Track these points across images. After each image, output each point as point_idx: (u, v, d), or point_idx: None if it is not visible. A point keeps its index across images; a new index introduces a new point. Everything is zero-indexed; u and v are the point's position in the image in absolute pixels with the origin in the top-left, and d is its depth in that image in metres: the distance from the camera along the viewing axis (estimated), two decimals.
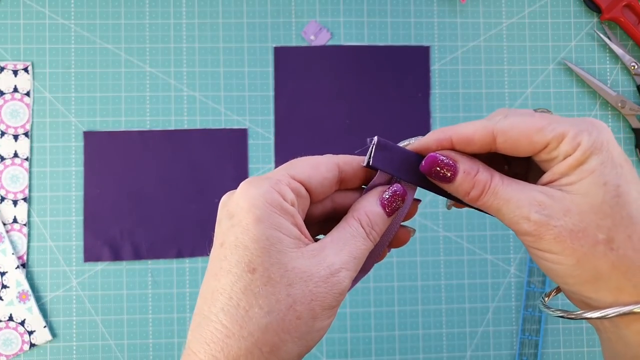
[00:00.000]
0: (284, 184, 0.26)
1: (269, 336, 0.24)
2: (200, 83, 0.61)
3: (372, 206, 0.28)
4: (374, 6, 0.63)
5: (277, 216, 0.25)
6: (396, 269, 0.61)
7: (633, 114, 0.62)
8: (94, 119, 0.60)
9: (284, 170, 0.27)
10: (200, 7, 0.62)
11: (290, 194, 0.26)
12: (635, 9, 0.62)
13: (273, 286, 0.24)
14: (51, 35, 0.60)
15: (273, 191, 0.26)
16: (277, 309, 0.24)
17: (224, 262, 0.25)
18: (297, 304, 0.24)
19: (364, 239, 0.27)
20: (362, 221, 0.27)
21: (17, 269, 0.58)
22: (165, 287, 0.59)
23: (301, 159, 0.28)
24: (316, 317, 0.25)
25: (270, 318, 0.24)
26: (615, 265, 0.25)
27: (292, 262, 0.25)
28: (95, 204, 0.59)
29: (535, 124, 0.26)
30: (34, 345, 0.58)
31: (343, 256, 0.26)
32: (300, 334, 0.24)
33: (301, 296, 0.24)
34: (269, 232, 0.25)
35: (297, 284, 0.24)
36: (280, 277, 0.24)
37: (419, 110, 0.62)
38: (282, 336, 0.24)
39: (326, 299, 0.25)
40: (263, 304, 0.24)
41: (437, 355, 0.61)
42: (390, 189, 0.28)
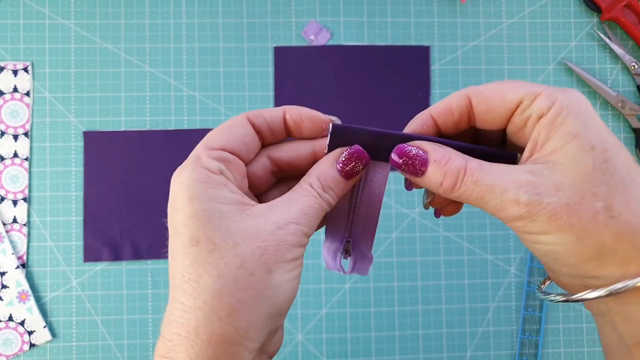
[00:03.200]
0: (204, 157, 0.26)
1: (224, 300, 0.23)
2: (200, 83, 0.61)
3: (325, 168, 0.27)
4: (374, 6, 0.63)
5: (208, 189, 0.25)
6: (396, 269, 0.61)
7: (633, 114, 0.62)
8: (94, 119, 0.60)
9: (201, 145, 0.27)
10: (200, 7, 0.62)
11: (214, 163, 0.26)
12: (635, 9, 0.62)
13: (219, 251, 0.24)
14: (51, 35, 0.60)
15: (196, 167, 0.26)
16: (226, 271, 0.24)
17: (172, 246, 0.26)
18: (247, 261, 0.24)
19: (316, 197, 0.26)
20: (313, 184, 0.26)
21: (17, 269, 0.58)
22: (165, 287, 0.59)
23: (214, 129, 0.27)
24: (271, 270, 0.24)
25: (221, 282, 0.24)
26: (618, 234, 0.23)
27: (236, 224, 0.24)
28: (95, 204, 0.59)
29: (508, 84, 0.25)
30: (34, 346, 0.58)
31: (291, 212, 0.25)
32: (257, 291, 0.24)
33: (250, 253, 0.24)
34: (204, 205, 0.25)
35: (244, 243, 0.24)
36: (225, 240, 0.24)
37: (419, 110, 0.62)
38: (238, 296, 0.23)
39: (278, 251, 0.24)
40: (212, 270, 0.24)
41: (437, 355, 0.61)
42: (348, 150, 0.27)
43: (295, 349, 0.60)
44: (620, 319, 0.25)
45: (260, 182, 0.29)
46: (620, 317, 0.25)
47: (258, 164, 0.28)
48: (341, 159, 0.27)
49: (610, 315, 0.25)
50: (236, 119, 0.27)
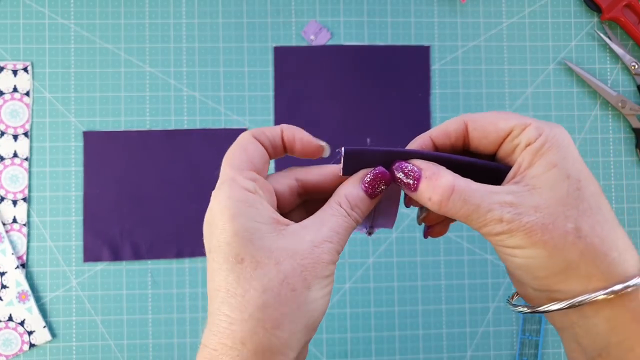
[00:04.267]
0: (240, 178, 0.28)
1: (269, 312, 0.25)
2: (200, 83, 0.61)
3: (352, 189, 0.29)
4: (374, 6, 0.63)
5: (248, 208, 0.27)
6: (396, 269, 0.61)
7: (633, 113, 0.62)
8: (94, 119, 0.60)
9: (228, 167, 0.29)
10: (200, 7, 0.62)
11: (250, 183, 0.28)
12: (635, 9, 0.62)
13: (262, 268, 0.26)
14: (51, 35, 0.60)
15: (234, 187, 0.27)
16: (270, 286, 0.26)
17: (214, 264, 0.27)
18: (289, 277, 0.26)
19: (345, 217, 0.28)
20: (342, 203, 0.29)
21: (16, 269, 0.58)
22: (164, 287, 0.59)
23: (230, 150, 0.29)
24: (310, 286, 0.26)
25: (266, 296, 0.25)
26: (583, 253, 0.26)
27: (275, 244, 0.26)
28: (95, 204, 0.59)
29: (502, 114, 0.29)
30: (34, 346, 0.58)
31: (324, 231, 0.27)
32: (298, 305, 0.26)
33: (291, 270, 0.26)
34: (246, 224, 0.26)
35: (285, 260, 0.26)
36: (267, 258, 0.26)
37: (419, 110, 0.62)
38: (282, 310, 0.26)
39: (315, 268, 0.26)
40: (257, 286, 0.26)
41: (437, 355, 0.60)
42: (372, 172, 0.29)
43: None
44: (582, 332, 0.27)
45: (286, 202, 0.31)
46: (582, 330, 0.27)
47: (285, 184, 0.30)
48: (366, 179, 0.29)
49: (572, 328, 0.28)
50: (245, 137, 0.30)
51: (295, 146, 0.31)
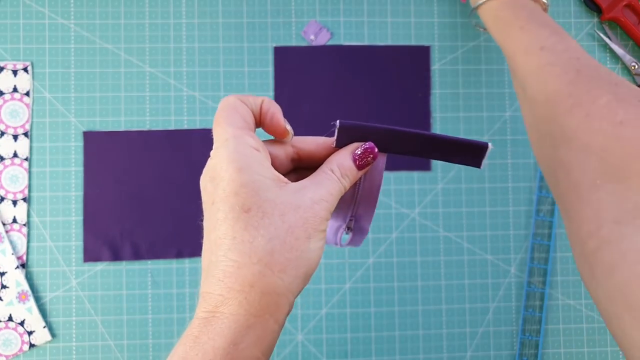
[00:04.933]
0: (245, 135, 0.30)
1: (276, 257, 0.28)
2: (200, 83, 0.61)
3: (344, 159, 0.32)
4: (374, 6, 0.63)
5: (254, 163, 0.29)
6: (396, 269, 0.61)
7: None
8: (94, 119, 0.60)
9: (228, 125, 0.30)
10: (200, 7, 0.62)
11: (254, 141, 0.30)
12: (635, 9, 0.62)
13: (269, 218, 0.28)
14: (51, 35, 0.60)
15: (241, 143, 0.29)
16: (277, 234, 0.28)
17: (219, 213, 0.28)
18: (293, 227, 0.28)
19: (337, 181, 0.31)
20: (334, 170, 0.31)
21: (16, 269, 0.58)
22: (165, 287, 0.59)
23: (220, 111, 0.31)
24: (310, 237, 0.29)
25: (273, 243, 0.28)
26: None
27: (280, 197, 0.28)
28: (95, 204, 0.59)
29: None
30: (34, 346, 0.58)
31: (321, 191, 0.30)
32: (300, 252, 0.28)
33: (294, 221, 0.28)
34: (253, 177, 0.28)
35: (289, 213, 0.28)
36: (272, 209, 0.28)
37: (419, 110, 0.62)
38: (287, 255, 0.28)
39: (315, 222, 0.29)
40: (264, 233, 0.28)
41: (437, 355, 0.60)
42: (362, 146, 0.32)
43: (295, 349, 0.60)
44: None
45: (280, 166, 0.33)
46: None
47: (282, 149, 0.33)
48: (357, 152, 0.32)
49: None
50: (232, 100, 0.31)
51: (266, 120, 0.32)
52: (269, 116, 0.32)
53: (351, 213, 0.35)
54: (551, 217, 0.62)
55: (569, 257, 0.62)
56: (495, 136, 0.62)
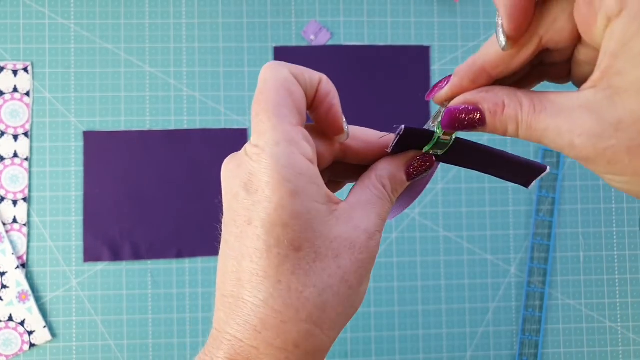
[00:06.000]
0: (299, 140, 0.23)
1: (328, 314, 0.23)
2: (200, 83, 0.61)
3: (397, 172, 0.26)
4: (374, 6, 0.63)
5: (310, 185, 0.23)
6: (396, 269, 0.61)
7: None
8: (94, 119, 0.60)
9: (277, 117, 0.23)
10: (200, 7, 0.62)
11: (309, 149, 0.23)
12: None
13: (322, 261, 0.23)
14: (51, 35, 0.60)
15: (294, 153, 0.23)
16: (330, 284, 0.23)
17: (258, 242, 0.22)
18: (347, 274, 0.23)
19: (388, 200, 0.26)
20: (386, 186, 0.26)
21: (17, 269, 0.58)
22: (165, 287, 0.59)
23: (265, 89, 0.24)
24: (362, 282, 0.24)
25: (326, 295, 0.23)
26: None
27: (333, 231, 0.23)
28: (95, 204, 0.59)
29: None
30: (34, 346, 0.58)
31: (374, 218, 0.24)
32: (352, 303, 0.24)
33: (349, 266, 0.23)
34: (308, 205, 0.22)
35: (344, 254, 0.23)
36: (327, 249, 0.23)
37: (419, 110, 0.62)
38: (339, 310, 0.23)
39: (369, 264, 0.24)
40: (317, 282, 0.22)
41: (437, 355, 0.60)
42: (420, 156, 0.27)
43: None
44: None
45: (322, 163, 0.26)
46: None
47: (328, 146, 0.26)
48: (414, 164, 0.26)
49: None
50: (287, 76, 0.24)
51: (322, 107, 0.25)
52: (325, 106, 0.25)
53: None
54: (551, 217, 0.62)
55: (569, 257, 0.62)
56: (495, 136, 0.62)
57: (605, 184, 0.63)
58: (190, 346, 0.59)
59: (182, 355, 0.59)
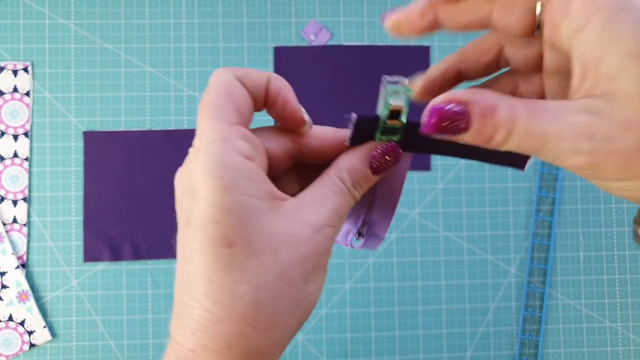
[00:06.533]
0: (234, 137, 0.22)
1: (263, 312, 0.21)
2: (200, 83, 0.61)
3: (356, 163, 0.25)
4: (374, 6, 0.63)
5: (245, 180, 0.22)
6: (396, 269, 0.61)
7: None
8: (94, 119, 0.60)
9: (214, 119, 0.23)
10: (200, 7, 0.62)
11: (245, 145, 0.23)
12: None
13: (257, 257, 0.21)
14: (51, 35, 0.60)
15: (229, 151, 0.22)
16: (265, 280, 0.21)
17: (194, 243, 0.22)
18: (287, 270, 0.22)
19: (347, 195, 0.24)
20: (345, 180, 0.24)
21: (17, 269, 0.58)
22: (165, 287, 0.59)
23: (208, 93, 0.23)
24: (308, 280, 0.22)
25: (261, 293, 0.21)
26: None
27: (273, 226, 0.22)
28: (95, 204, 0.59)
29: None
30: (34, 346, 0.58)
31: (325, 212, 0.23)
32: (295, 301, 0.22)
33: (289, 261, 0.22)
34: (241, 199, 0.21)
35: (284, 249, 0.22)
36: (264, 245, 0.21)
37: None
38: (277, 308, 0.22)
39: (316, 258, 0.22)
40: (250, 279, 0.21)
41: (437, 355, 0.61)
42: (382, 145, 0.25)
43: (295, 349, 0.60)
44: None
45: (278, 165, 0.26)
46: None
47: (281, 145, 0.26)
48: (374, 153, 0.25)
49: None
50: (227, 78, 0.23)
51: (276, 105, 0.25)
52: (280, 102, 0.25)
53: (364, 217, 0.29)
54: (551, 217, 0.62)
55: (569, 257, 0.62)
56: None
57: None
58: None
59: None
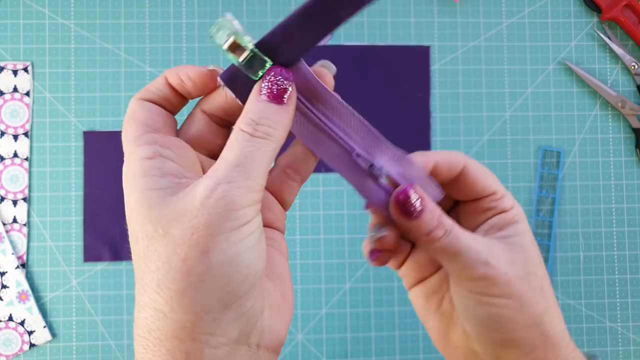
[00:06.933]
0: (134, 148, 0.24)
1: (164, 294, 0.21)
2: None
3: (252, 105, 0.24)
4: (374, 6, 0.63)
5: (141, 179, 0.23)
6: None
7: (633, 114, 0.62)
8: (94, 119, 0.60)
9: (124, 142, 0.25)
10: (200, 7, 0.62)
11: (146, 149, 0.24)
12: (635, 9, 0.62)
13: (153, 243, 0.22)
14: (51, 35, 0.60)
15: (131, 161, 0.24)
16: (161, 263, 0.21)
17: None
18: (177, 246, 0.21)
19: (247, 141, 0.23)
20: (242, 126, 0.23)
21: (17, 269, 0.58)
22: None
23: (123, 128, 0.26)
24: (206, 249, 0.21)
25: (158, 275, 0.21)
26: (546, 310, 0.29)
27: (164, 209, 0.22)
28: (95, 204, 0.59)
29: (492, 175, 0.30)
30: (34, 346, 0.58)
31: (218, 172, 0.22)
32: (197, 276, 0.21)
33: (180, 236, 0.21)
34: (138, 197, 0.23)
35: (173, 227, 0.21)
36: (155, 230, 0.22)
37: (419, 110, 0.62)
38: (176, 287, 0.21)
39: (210, 225, 0.21)
40: (150, 265, 0.22)
41: (437, 355, 0.60)
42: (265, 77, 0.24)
43: (295, 349, 0.60)
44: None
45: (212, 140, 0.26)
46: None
47: (198, 123, 0.26)
48: (263, 86, 0.24)
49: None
50: (131, 105, 0.26)
51: (187, 86, 0.26)
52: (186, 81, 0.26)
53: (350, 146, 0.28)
54: (551, 217, 0.62)
55: (568, 257, 0.62)
56: (496, 136, 0.62)
57: (605, 183, 0.63)
58: None
59: None
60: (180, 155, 0.24)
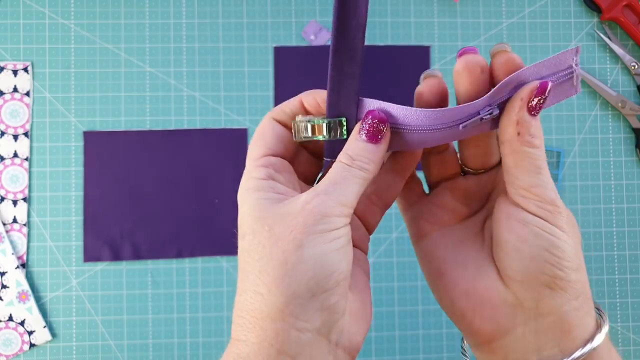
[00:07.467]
0: (252, 169, 0.29)
1: (264, 278, 0.25)
2: (200, 83, 0.61)
3: (351, 143, 0.28)
4: (374, 6, 0.63)
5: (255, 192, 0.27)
6: (396, 269, 0.61)
7: (633, 114, 0.62)
8: (94, 119, 0.60)
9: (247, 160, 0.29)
10: (200, 7, 0.62)
11: (261, 171, 0.28)
12: (635, 9, 0.62)
13: (257, 238, 0.26)
14: (51, 35, 0.60)
15: (247, 179, 0.28)
16: (264, 253, 0.26)
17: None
18: (279, 240, 0.26)
19: (344, 168, 0.27)
20: (342, 159, 0.28)
21: (17, 269, 0.58)
22: (165, 287, 0.59)
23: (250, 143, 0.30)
24: (302, 244, 0.25)
25: (261, 262, 0.26)
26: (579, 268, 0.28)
27: (271, 212, 0.26)
28: (95, 204, 0.59)
29: None
30: (34, 346, 0.58)
31: (318, 188, 0.27)
32: (291, 265, 0.25)
33: (281, 232, 0.26)
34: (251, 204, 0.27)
35: (276, 225, 0.26)
36: (261, 227, 0.26)
37: None
38: (275, 273, 0.25)
39: (306, 225, 0.25)
40: (254, 254, 0.26)
41: (437, 355, 0.60)
42: (363, 119, 0.29)
43: None
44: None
45: (310, 171, 0.31)
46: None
47: (301, 157, 0.31)
48: (362, 127, 0.29)
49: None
50: (264, 122, 0.30)
51: (322, 110, 0.30)
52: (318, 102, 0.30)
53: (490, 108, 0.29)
54: None
55: None
56: None
57: (605, 183, 0.63)
58: (190, 346, 0.59)
59: (182, 355, 0.59)
60: (287, 179, 0.29)
